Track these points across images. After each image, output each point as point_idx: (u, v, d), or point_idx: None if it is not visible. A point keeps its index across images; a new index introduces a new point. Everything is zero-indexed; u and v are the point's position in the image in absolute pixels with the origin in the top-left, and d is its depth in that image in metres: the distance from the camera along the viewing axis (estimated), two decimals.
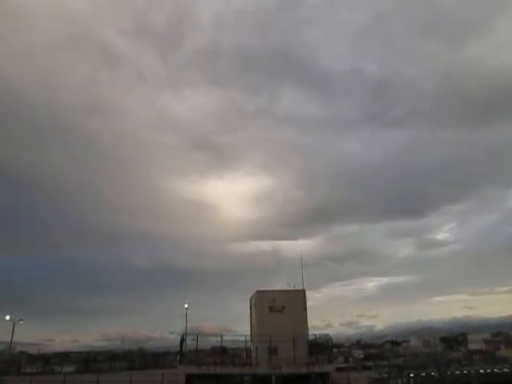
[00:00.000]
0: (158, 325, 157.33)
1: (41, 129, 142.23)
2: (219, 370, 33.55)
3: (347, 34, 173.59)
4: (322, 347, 37.85)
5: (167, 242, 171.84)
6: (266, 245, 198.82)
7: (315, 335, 38.36)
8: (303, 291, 39.74)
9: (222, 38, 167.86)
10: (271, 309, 38.18)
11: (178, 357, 37.07)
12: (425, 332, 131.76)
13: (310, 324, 38.93)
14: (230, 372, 34.01)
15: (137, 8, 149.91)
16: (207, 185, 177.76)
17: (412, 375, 64.65)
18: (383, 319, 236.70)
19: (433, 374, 65.97)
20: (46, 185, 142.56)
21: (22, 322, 49.92)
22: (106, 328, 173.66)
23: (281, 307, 38.17)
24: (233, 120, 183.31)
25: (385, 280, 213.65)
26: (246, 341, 37.02)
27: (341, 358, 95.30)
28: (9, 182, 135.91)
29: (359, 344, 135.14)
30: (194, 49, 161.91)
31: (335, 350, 74.47)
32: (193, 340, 35.33)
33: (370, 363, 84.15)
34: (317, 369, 34.20)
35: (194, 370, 33.12)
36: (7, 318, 48.42)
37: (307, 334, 37.54)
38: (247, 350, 38.47)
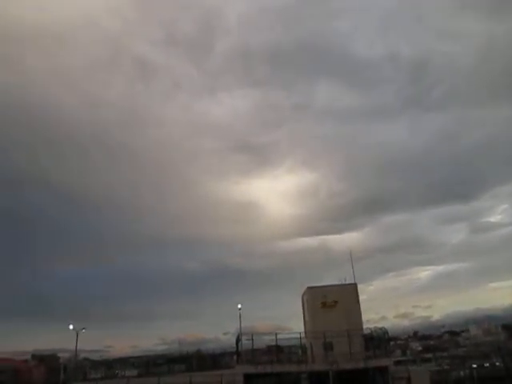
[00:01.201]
0: (212, 326, 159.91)
1: (87, 145, 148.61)
2: (276, 368, 33.74)
3: (377, 18, 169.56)
4: (378, 341, 37.24)
5: (216, 244, 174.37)
6: (313, 240, 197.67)
7: (370, 329, 37.80)
8: (355, 285, 39.24)
9: (251, 38, 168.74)
10: (324, 304, 37.95)
11: (235, 357, 37.66)
12: (485, 320, 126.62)
13: (363, 318, 38.48)
14: (287, 370, 34.10)
15: (166, 18, 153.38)
16: (251, 185, 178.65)
17: (475, 366, 62.26)
18: (439, 309, 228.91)
19: (497, 364, 63.27)
20: (97, 198, 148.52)
21: (84, 331, 52.41)
22: (163, 332, 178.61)
23: (333, 302, 37.87)
24: (270, 118, 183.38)
25: (438, 268, 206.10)
26: (300, 338, 37.02)
27: (398, 352, 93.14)
28: (63, 198, 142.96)
29: (416, 336, 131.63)
30: (226, 52, 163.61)
31: (391, 343, 72.90)
32: (248, 340, 35.77)
33: (429, 355, 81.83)
34: (374, 363, 33.63)
35: (251, 369, 33.51)
36: (71, 327, 51.01)
37: (362, 328, 37.03)
38: (302, 347, 38.45)
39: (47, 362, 73.65)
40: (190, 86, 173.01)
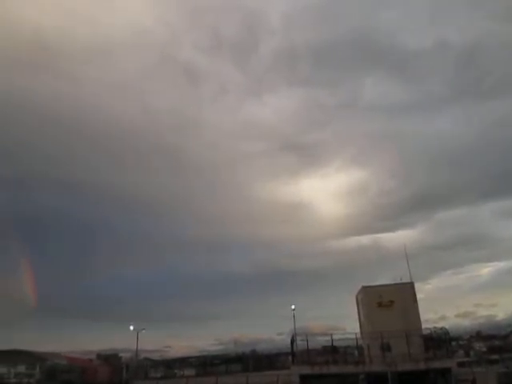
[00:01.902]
0: (266, 327, 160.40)
1: (144, 152, 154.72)
2: (332, 369, 33.34)
3: (425, 5, 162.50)
4: (439, 341, 35.85)
5: (267, 245, 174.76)
6: (365, 239, 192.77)
7: (430, 329, 36.47)
8: (411, 283, 37.95)
9: (294, 37, 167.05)
10: (379, 304, 37.03)
11: (290, 357, 37.67)
12: None
13: (422, 317, 37.09)
14: (344, 371, 33.59)
15: (211, 24, 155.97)
16: (300, 185, 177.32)
17: None
18: (505, 307, 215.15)
19: None
20: (151, 203, 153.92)
21: (144, 331, 54.52)
22: (218, 332, 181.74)
23: (389, 302, 36.82)
24: (317, 117, 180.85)
25: (501, 264, 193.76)
26: (356, 338, 36.39)
27: (461, 352, 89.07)
28: (120, 204, 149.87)
29: (479, 336, 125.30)
30: (270, 53, 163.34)
31: (453, 343, 69.77)
32: (302, 340, 35.64)
33: (495, 356, 77.65)
34: (436, 364, 32.32)
35: (307, 370, 33.30)
36: (131, 328, 53.26)
37: (421, 328, 35.78)
38: (359, 348, 37.76)
39: (111, 361, 77.26)
40: (236, 88, 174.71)
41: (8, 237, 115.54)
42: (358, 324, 42.18)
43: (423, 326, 36.37)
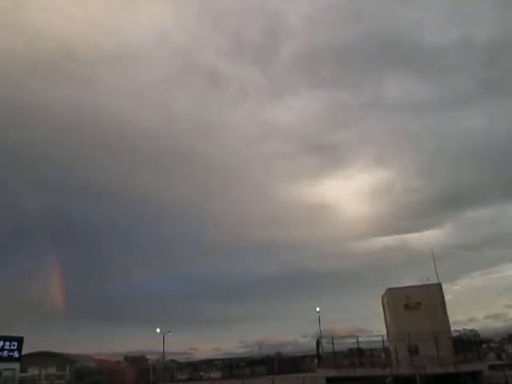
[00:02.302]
0: (290, 329, 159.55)
1: (159, 155, 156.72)
2: (359, 372, 32.97)
3: (446, 1, 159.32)
4: (469, 344, 34.98)
5: (291, 247, 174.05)
6: (391, 240, 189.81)
7: (459, 331, 35.63)
8: (439, 285, 37.18)
9: (316, 38, 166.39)
10: (406, 306, 36.44)
11: (316, 360, 37.44)
12: None
13: (450, 319, 36.27)
14: (371, 374, 33.15)
15: (231, 28, 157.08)
16: (323, 186, 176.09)
17: None
18: None
19: None
20: (170, 208, 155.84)
21: (170, 334, 55.12)
22: (243, 334, 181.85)
23: (416, 304, 36.17)
24: (340, 118, 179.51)
25: None
26: (383, 341, 35.88)
27: (492, 355, 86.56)
28: (138, 208, 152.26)
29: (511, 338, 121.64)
30: (291, 55, 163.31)
31: (484, 345, 67.97)
32: (328, 343, 35.37)
33: None
34: (466, 367, 31.55)
35: (333, 372, 33.06)
36: (158, 330, 53.97)
37: (450, 331, 35.00)
38: (386, 351, 37.21)
39: (137, 363, 78.21)
40: (258, 91, 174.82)
41: (34, 239, 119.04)
42: (384, 326, 41.65)
43: (452, 328, 35.65)
